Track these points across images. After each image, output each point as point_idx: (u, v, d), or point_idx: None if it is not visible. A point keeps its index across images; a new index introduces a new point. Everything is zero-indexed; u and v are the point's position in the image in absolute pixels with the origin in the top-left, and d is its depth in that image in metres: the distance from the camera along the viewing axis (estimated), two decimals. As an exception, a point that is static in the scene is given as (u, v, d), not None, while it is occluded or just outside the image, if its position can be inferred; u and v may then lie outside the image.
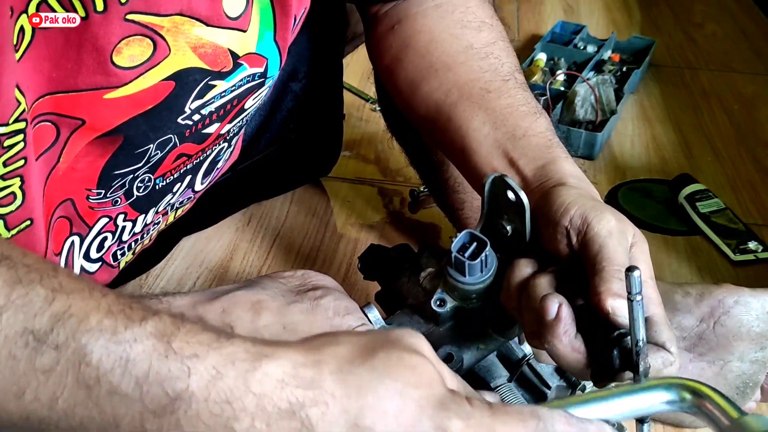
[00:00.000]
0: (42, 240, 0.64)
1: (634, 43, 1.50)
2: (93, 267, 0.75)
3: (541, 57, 1.41)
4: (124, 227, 0.74)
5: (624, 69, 1.42)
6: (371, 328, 0.64)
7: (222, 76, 0.66)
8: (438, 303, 0.63)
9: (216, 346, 0.42)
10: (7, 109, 0.54)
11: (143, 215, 0.75)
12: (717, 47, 1.62)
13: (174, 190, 0.76)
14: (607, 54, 1.46)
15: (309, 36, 0.91)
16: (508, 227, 0.62)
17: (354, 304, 0.65)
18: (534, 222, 0.60)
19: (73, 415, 0.40)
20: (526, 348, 0.66)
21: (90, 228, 0.71)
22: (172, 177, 0.74)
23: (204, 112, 0.68)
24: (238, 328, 0.61)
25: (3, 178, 0.57)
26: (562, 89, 1.30)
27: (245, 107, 0.73)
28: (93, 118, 0.60)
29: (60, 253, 0.70)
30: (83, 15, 0.54)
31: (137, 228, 0.76)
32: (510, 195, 0.60)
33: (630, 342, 0.51)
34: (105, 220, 0.71)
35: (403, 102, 0.78)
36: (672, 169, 1.19)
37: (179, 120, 0.66)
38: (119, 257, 0.77)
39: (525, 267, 0.59)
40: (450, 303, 0.63)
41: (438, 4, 0.77)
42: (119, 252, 0.77)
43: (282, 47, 0.71)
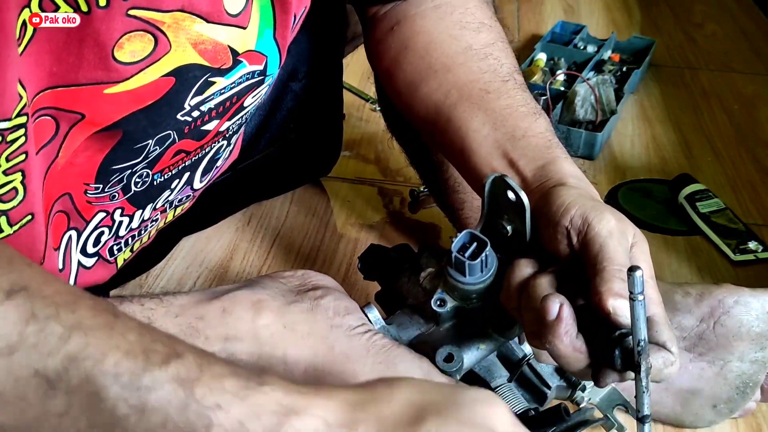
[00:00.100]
0: (42, 235, 0.64)
1: (634, 43, 1.50)
2: (89, 262, 0.75)
3: (541, 57, 1.41)
4: (121, 222, 0.74)
5: (624, 69, 1.42)
6: (371, 328, 0.64)
7: (222, 72, 0.66)
8: (438, 303, 0.63)
9: (243, 395, 0.40)
10: (11, 104, 0.54)
11: (141, 211, 0.75)
12: (717, 47, 1.61)
13: (172, 186, 0.76)
14: (607, 54, 1.45)
15: (309, 36, 0.91)
16: (508, 227, 0.62)
17: (354, 304, 0.65)
18: (534, 222, 0.61)
19: None
20: (526, 348, 0.66)
21: (87, 222, 0.71)
22: (170, 173, 0.74)
23: (203, 108, 0.68)
24: (238, 327, 0.61)
25: (5, 173, 0.57)
26: (562, 89, 1.30)
27: (244, 105, 0.73)
28: (93, 112, 0.60)
29: (58, 248, 0.69)
30: (86, 10, 0.54)
31: (134, 224, 0.76)
32: (510, 195, 0.60)
33: (631, 342, 0.51)
34: (102, 214, 0.71)
35: (403, 103, 0.78)
36: (672, 169, 1.19)
37: (179, 116, 0.66)
38: (116, 252, 0.77)
39: (525, 267, 0.59)
40: (450, 303, 0.63)
41: (437, 5, 0.77)
42: (116, 247, 0.77)
43: (281, 45, 0.71)
